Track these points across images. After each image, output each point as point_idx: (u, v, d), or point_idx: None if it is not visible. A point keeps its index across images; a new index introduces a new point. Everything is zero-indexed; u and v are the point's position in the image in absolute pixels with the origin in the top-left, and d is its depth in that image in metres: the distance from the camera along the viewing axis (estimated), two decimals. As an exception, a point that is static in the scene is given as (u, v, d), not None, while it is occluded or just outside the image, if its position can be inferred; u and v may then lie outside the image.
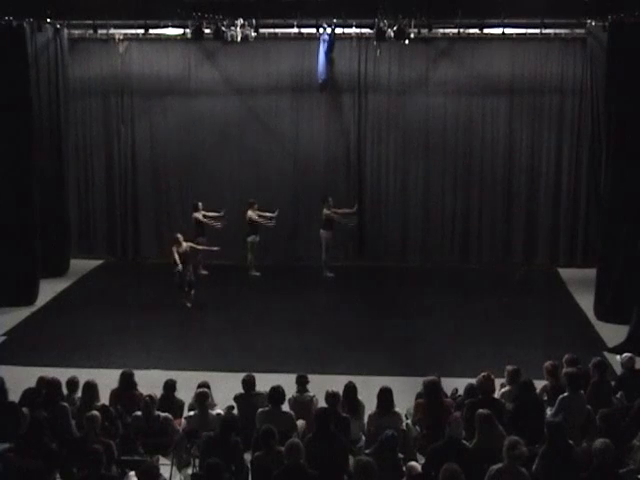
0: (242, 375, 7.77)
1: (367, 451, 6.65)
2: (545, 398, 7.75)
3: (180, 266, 12.63)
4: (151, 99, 15.73)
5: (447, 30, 14.11)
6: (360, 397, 7.54)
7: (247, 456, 6.75)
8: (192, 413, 7.41)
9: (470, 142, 15.47)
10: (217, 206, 14.72)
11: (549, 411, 7.40)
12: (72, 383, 7.65)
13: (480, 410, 6.60)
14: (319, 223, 14.55)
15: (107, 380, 8.02)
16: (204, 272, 14.77)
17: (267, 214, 14.41)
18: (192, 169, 15.74)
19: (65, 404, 7.19)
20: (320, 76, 14.44)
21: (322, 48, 14.07)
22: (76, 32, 14.79)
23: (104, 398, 7.67)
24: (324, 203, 14.38)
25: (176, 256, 12.65)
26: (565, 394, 7.33)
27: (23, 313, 12.56)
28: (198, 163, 15.70)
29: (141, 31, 14.03)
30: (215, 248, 13.22)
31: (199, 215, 14.44)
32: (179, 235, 12.93)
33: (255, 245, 14.60)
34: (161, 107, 15.77)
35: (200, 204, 14.53)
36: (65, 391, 7.59)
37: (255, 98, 15.58)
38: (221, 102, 15.66)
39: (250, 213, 14.32)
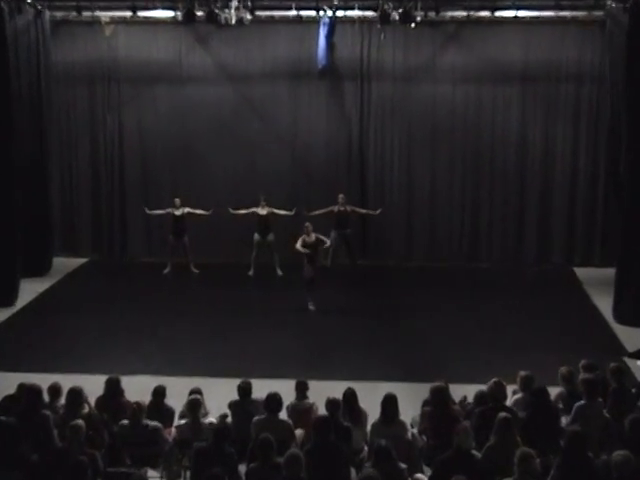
0: (237, 381, 7.76)
1: (367, 464, 6.63)
2: (560, 406, 7.73)
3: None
4: (139, 86, 15.70)
5: (456, 13, 14.11)
6: (363, 405, 7.52)
7: (242, 468, 6.73)
8: (183, 422, 7.39)
9: (480, 133, 15.46)
10: (209, 200, 14.71)
11: (564, 420, 7.39)
12: (54, 390, 7.62)
13: (501, 413, 6.60)
14: (320, 220, 14.53)
15: (92, 387, 7.99)
16: (195, 270, 14.80)
17: (282, 212, 14.46)
18: (183, 161, 15.71)
19: (47, 412, 7.16)
20: (320, 62, 14.43)
21: (322, 32, 14.06)
22: (59, 14, 14.75)
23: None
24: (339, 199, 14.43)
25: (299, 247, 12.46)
26: (582, 402, 7.31)
27: (2, 315, 12.53)
28: (190, 155, 15.66)
29: (129, 13, 14.00)
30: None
31: (177, 211, 14.47)
32: (308, 224, 12.79)
33: (257, 243, 14.63)
34: (150, 95, 15.75)
35: (177, 200, 14.51)
36: (47, 398, 7.56)
37: (250, 86, 15.55)
38: (214, 90, 15.62)
39: (260, 210, 14.42)
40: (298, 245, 12.54)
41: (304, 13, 13.92)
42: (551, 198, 15.52)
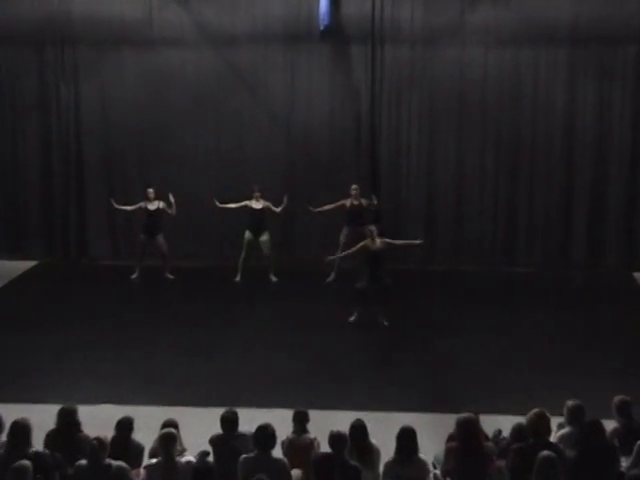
0: (220, 410, 7.77)
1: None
2: (616, 444, 7.70)
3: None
4: (100, 50, 15.74)
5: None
6: (374, 440, 7.52)
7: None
8: (154, 461, 7.38)
9: (518, 107, 15.51)
10: (189, 190, 14.77)
11: (624, 462, 7.35)
12: (-6, 423, 7.61)
13: (544, 451, 6.57)
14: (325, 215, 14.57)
15: (42, 419, 7.98)
16: (170, 276, 14.82)
17: (280, 208, 14.55)
18: (156, 142, 15.77)
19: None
20: (322, 21, 14.43)
21: (325, -16, 14.10)
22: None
23: (37, 442, 7.62)
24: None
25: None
26: (644, 439, 7.29)
27: None
28: (164, 134, 15.71)
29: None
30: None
31: (151, 205, 14.51)
32: (373, 227, 12.82)
33: (247, 243, 14.71)
34: (114, 60, 15.79)
35: (151, 190, 14.51)
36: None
37: (237, 50, 15.61)
38: (193, 55, 15.69)
39: (255, 203, 14.49)
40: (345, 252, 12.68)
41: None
42: (605, 187, 15.54)
